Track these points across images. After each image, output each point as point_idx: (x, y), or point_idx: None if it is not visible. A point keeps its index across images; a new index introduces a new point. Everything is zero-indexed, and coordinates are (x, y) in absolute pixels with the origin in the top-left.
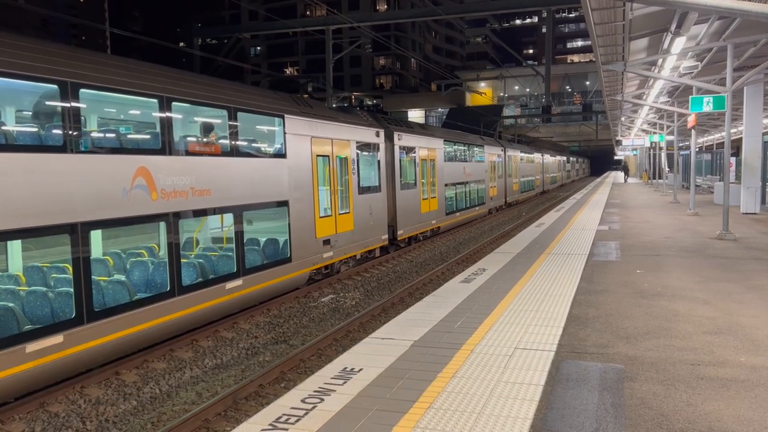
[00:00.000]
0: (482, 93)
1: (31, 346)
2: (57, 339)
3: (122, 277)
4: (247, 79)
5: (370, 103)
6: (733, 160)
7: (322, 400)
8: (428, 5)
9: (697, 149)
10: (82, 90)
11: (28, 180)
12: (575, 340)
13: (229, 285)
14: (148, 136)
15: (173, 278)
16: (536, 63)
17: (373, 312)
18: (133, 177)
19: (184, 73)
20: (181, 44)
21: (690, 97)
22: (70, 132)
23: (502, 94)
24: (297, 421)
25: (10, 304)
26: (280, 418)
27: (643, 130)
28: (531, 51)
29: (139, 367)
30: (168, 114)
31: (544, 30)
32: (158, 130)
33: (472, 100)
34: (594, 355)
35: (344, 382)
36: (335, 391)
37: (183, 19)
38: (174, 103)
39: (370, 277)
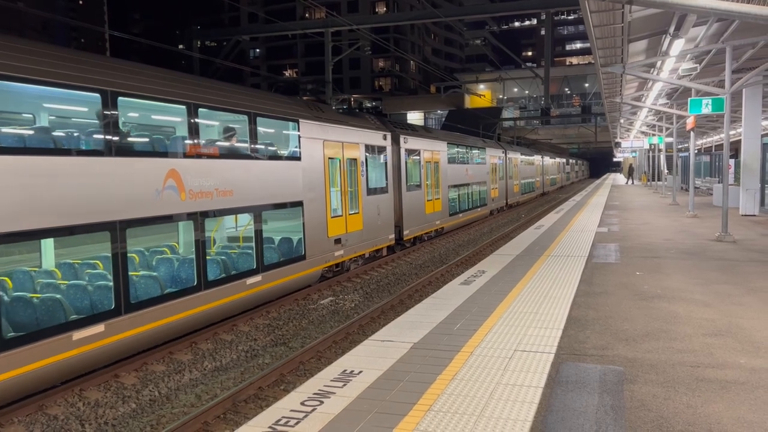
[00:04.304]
0: (481, 95)
1: (77, 334)
2: (99, 328)
3: (154, 273)
4: (247, 82)
5: (369, 105)
6: (732, 162)
7: (322, 402)
8: (427, 7)
9: (696, 151)
10: (120, 98)
11: (75, 182)
12: (575, 342)
13: (250, 281)
14: (177, 140)
15: (200, 274)
16: (535, 65)
17: (372, 314)
18: (165, 179)
19: (207, 80)
20: (180, 46)
21: (689, 99)
22: (111, 137)
23: (501, 96)
24: (296, 423)
25: (58, 296)
26: (279, 420)
27: (642, 132)
28: (530, 53)
29: (138, 369)
30: (195, 119)
31: (543, 32)
32: (186, 134)
33: (471, 102)
34: (593, 357)
35: (344, 385)
36: (335, 393)
37: (182, 21)
38: (200, 109)
39: (369, 279)
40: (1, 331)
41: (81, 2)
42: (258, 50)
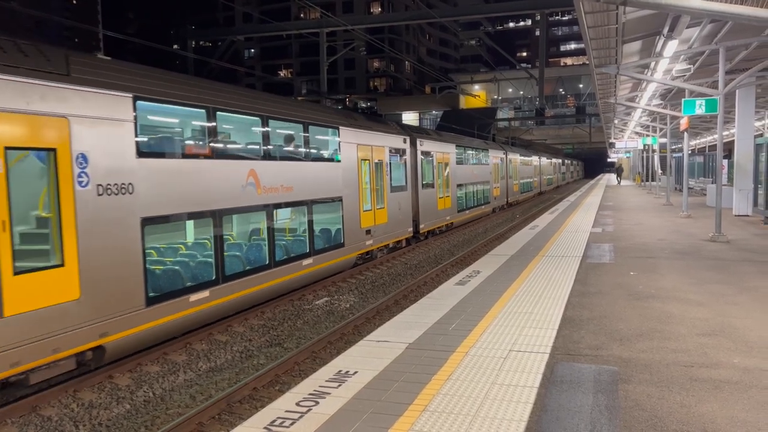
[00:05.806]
0: (476, 95)
1: (193, 297)
2: (205, 294)
3: (238, 252)
4: (242, 82)
5: (364, 105)
6: (725, 162)
7: (317, 403)
8: (422, 8)
9: (690, 152)
10: (218, 112)
11: (192, 178)
12: (569, 342)
13: (305, 262)
14: (254, 145)
15: (270, 254)
16: (530, 66)
17: (367, 314)
18: (247, 177)
19: (272, 95)
20: (175, 46)
21: (682, 99)
22: (213, 143)
23: (495, 96)
24: (292, 424)
25: (177, 267)
26: (274, 421)
27: (636, 133)
28: (525, 54)
29: (133, 370)
30: (267, 128)
31: (537, 33)
32: (261, 140)
33: (465, 102)
34: (588, 357)
35: (339, 385)
36: (330, 394)
37: (177, 21)
38: (270, 120)
39: (364, 280)
40: (147, 289)
41: (74, 2)
42: (252, 50)
